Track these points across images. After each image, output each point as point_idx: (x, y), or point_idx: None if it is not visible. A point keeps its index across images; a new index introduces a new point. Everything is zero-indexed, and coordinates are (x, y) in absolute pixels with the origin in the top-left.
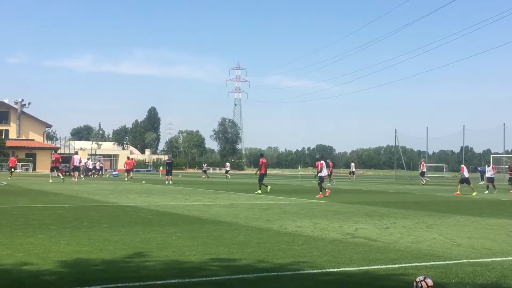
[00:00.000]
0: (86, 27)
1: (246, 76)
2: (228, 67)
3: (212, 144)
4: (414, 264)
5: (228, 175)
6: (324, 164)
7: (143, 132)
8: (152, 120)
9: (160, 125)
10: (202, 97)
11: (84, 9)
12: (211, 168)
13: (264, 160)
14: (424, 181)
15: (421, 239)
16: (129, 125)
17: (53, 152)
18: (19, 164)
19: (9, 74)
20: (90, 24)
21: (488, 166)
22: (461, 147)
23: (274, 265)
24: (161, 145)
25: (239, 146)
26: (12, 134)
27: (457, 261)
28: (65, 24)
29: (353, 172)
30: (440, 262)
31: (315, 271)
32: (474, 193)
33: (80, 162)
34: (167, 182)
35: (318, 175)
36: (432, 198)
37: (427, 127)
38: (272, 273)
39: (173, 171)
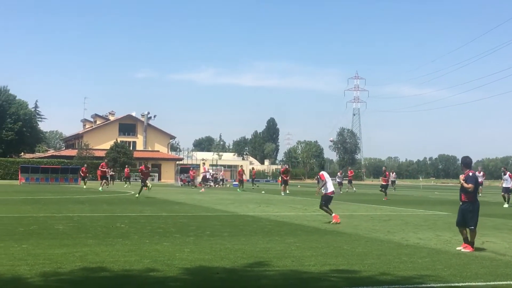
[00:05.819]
0: (209, 41)
1: (364, 85)
2: (347, 76)
3: (331, 154)
4: None
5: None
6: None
7: (262, 143)
8: (271, 131)
9: (279, 135)
10: (320, 107)
11: (208, 25)
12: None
13: (142, 168)
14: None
15: None
16: (248, 136)
17: (106, 163)
18: None
19: (137, 89)
20: (213, 38)
21: (505, 174)
22: None
23: (395, 277)
24: (280, 156)
25: (358, 156)
26: (139, 146)
27: None
28: (189, 40)
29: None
30: None
31: (438, 285)
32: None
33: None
34: (282, 193)
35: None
36: None
37: None
38: (394, 286)
39: (290, 181)
